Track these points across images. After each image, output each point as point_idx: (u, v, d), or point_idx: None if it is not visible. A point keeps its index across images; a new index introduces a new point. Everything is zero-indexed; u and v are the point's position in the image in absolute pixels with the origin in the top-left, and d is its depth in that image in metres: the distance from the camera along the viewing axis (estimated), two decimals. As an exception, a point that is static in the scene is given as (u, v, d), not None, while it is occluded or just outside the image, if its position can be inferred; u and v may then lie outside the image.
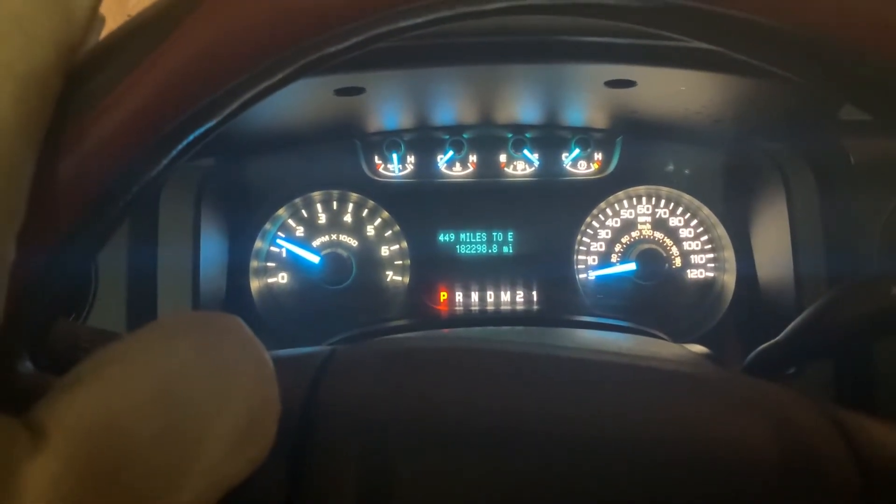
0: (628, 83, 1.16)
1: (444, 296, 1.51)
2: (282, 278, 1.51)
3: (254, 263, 1.49)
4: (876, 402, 1.10)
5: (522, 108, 1.42)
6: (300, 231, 1.51)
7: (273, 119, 1.33)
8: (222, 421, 0.35)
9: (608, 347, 1.02)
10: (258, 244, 1.49)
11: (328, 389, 0.45)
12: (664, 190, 1.51)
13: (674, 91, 1.20)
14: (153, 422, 0.32)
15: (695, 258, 1.53)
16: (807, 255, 1.30)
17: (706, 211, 1.50)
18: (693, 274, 1.52)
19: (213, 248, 1.41)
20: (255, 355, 0.40)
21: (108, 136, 0.33)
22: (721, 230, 1.49)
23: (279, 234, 1.51)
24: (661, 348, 1.09)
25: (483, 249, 1.51)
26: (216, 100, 0.35)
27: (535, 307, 1.50)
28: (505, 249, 1.51)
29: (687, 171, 1.50)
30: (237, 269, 1.46)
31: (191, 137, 0.37)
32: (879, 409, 1.11)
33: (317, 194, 1.50)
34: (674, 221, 1.53)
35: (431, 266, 1.50)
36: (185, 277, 1.32)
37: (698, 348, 1.19)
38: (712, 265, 1.52)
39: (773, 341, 0.85)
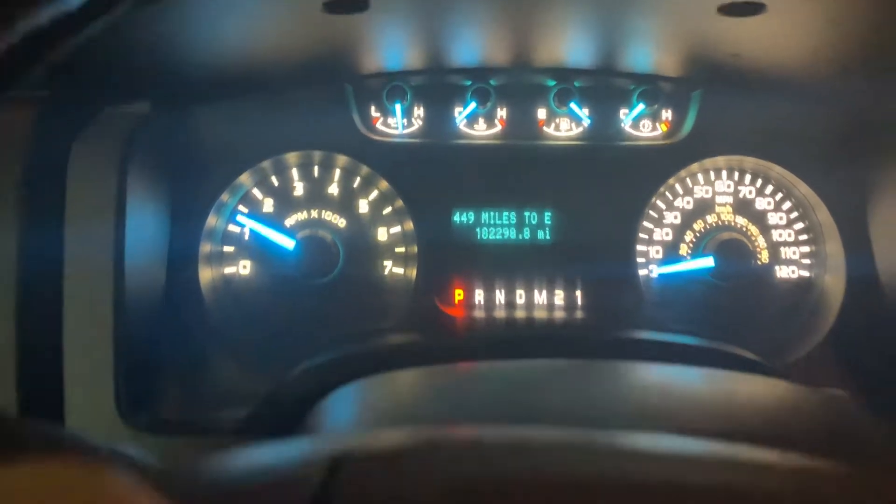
0: (754, 7, 0.80)
1: (459, 295, 1.15)
2: (243, 268, 1.16)
3: (205, 248, 1.12)
4: None
5: (572, 44, 1.06)
6: (269, 205, 1.16)
7: (235, 48, 0.97)
8: None
9: (720, 415, 0.66)
10: (212, 221, 1.13)
11: None
12: (750, 161, 1.17)
13: (811, 22, 0.83)
14: None
15: (787, 251, 1.18)
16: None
17: (804, 189, 1.16)
18: (784, 272, 1.18)
19: (147, 227, 1.04)
20: None
21: None
22: (823, 214, 1.15)
23: (241, 208, 1.16)
24: (793, 402, 0.73)
25: (512, 235, 1.17)
26: None
27: (580, 315, 1.15)
28: (540, 235, 1.17)
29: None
30: (182, 256, 1.09)
31: None
32: None
33: (292, 156, 1.15)
34: (761, 203, 1.19)
35: (444, 255, 1.16)
36: (105, 269, 0.96)
37: (835, 392, 0.84)
38: (809, 261, 1.17)
39: None
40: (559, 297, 1.17)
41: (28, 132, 0.91)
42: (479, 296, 1.16)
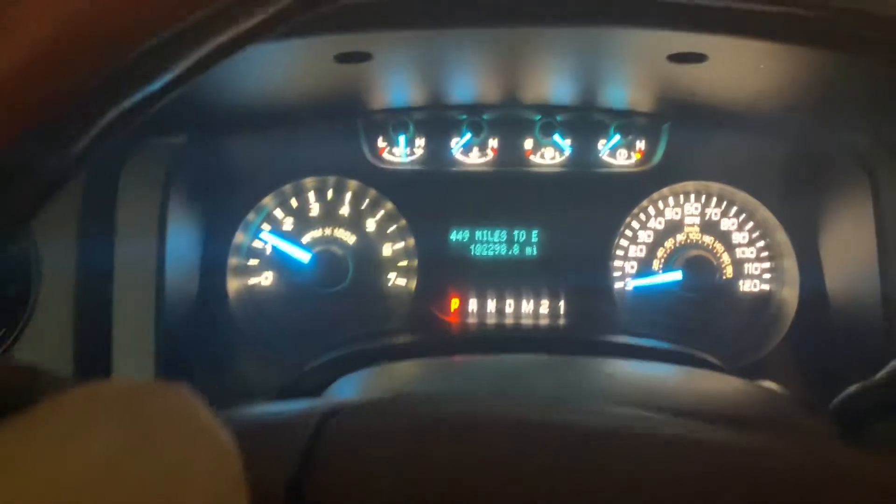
0: (698, 57, 0.95)
1: (455, 304, 1.30)
2: (265, 279, 1.30)
3: (233, 261, 1.28)
4: None
5: (554, 84, 1.21)
6: (289, 224, 1.31)
7: (259, 90, 1.12)
8: None
9: (664, 397, 0.80)
10: (239, 238, 1.28)
11: (323, 473, 0.39)
12: (715, 186, 1.30)
13: (749, 69, 0.98)
14: None
15: (749, 267, 1.31)
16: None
17: (764, 212, 1.29)
18: (746, 286, 1.31)
19: (183, 242, 1.20)
20: (213, 446, 0.32)
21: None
22: (781, 235, 1.29)
23: (264, 226, 1.30)
24: (730, 390, 0.87)
25: (502, 251, 1.31)
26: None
27: (562, 322, 1.29)
28: (528, 251, 1.31)
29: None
30: (212, 268, 1.25)
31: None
32: None
33: (309, 181, 1.30)
34: (726, 224, 1.32)
35: (441, 269, 1.30)
36: (148, 277, 1.11)
37: (771, 386, 0.97)
38: (769, 276, 1.31)
39: (869, 382, 0.69)
40: (544, 307, 1.31)
41: (85, 160, 1.08)
42: (472, 305, 1.30)
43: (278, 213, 1.30)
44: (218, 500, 0.31)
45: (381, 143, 1.30)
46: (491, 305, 1.31)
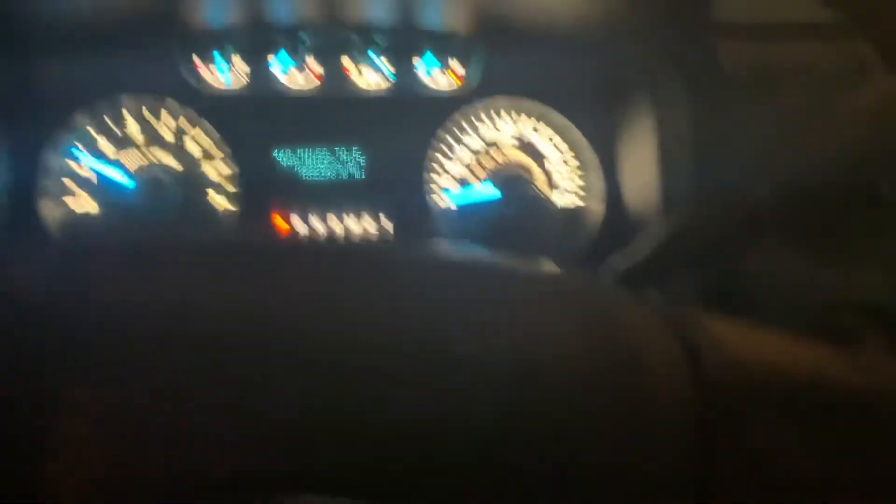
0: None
1: (281, 224, 1.32)
2: (91, 208, 1.27)
3: (47, 184, 1.24)
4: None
5: (373, 5, 1.23)
6: (109, 149, 1.28)
7: (73, 4, 1.08)
8: None
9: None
10: (56, 160, 1.24)
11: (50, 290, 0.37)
12: (530, 106, 1.37)
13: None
14: None
15: (563, 183, 1.39)
16: (675, 173, 1.19)
17: (575, 132, 1.37)
18: (561, 200, 1.39)
19: None
20: None
21: None
22: (590, 153, 1.37)
23: (80, 148, 1.26)
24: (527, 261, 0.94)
25: (327, 172, 1.33)
26: None
27: (388, 237, 1.33)
28: (353, 172, 1.34)
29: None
30: (21, 190, 1.21)
31: None
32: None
33: (126, 100, 1.28)
34: (541, 143, 1.39)
35: (266, 191, 1.31)
36: None
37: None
38: (582, 192, 1.39)
39: (625, 252, 0.78)
40: (370, 225, 1.35)
41: None
42: (298, 225, 1.33)
43: (94, 133, 1.28)
44: None
45: (198, 62, 1.29)
46: (317, 225, 1.34)
